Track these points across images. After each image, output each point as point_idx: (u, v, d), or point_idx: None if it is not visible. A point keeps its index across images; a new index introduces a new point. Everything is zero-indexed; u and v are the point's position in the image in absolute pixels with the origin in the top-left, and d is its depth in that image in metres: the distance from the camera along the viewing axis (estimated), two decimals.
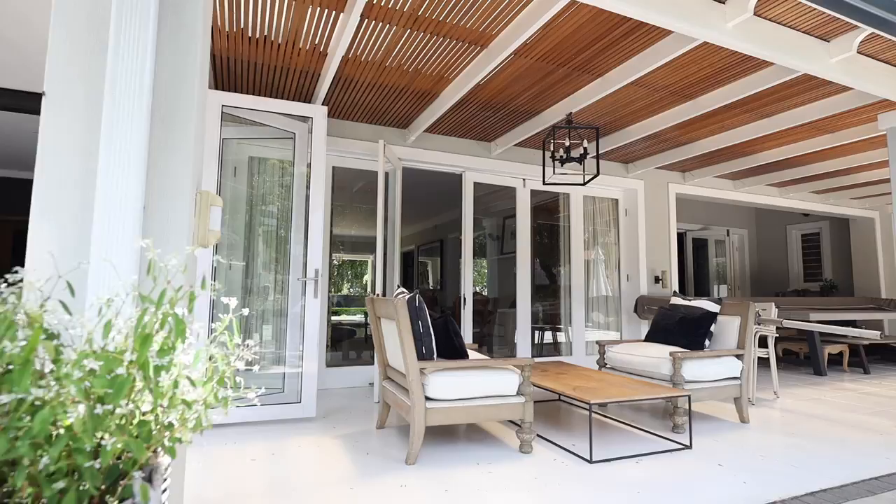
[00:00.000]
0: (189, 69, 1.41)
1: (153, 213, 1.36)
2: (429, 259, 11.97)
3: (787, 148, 5.13)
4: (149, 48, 1.30)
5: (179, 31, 1.41)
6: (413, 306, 2.70)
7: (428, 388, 2.58)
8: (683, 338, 3.57)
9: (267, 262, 4.09)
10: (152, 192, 1.36)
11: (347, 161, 4.73)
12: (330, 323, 6.38)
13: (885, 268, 8.04)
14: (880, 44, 3.10)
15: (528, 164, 5.33)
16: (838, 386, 5.02)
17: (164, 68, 1.38)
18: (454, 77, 3.67)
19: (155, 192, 1.37)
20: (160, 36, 1.37)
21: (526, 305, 5.38)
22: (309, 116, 3.55)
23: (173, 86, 1.41)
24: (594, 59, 3.34)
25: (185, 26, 1.41)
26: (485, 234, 8.62)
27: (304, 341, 3.39)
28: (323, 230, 4.11)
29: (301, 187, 3.82)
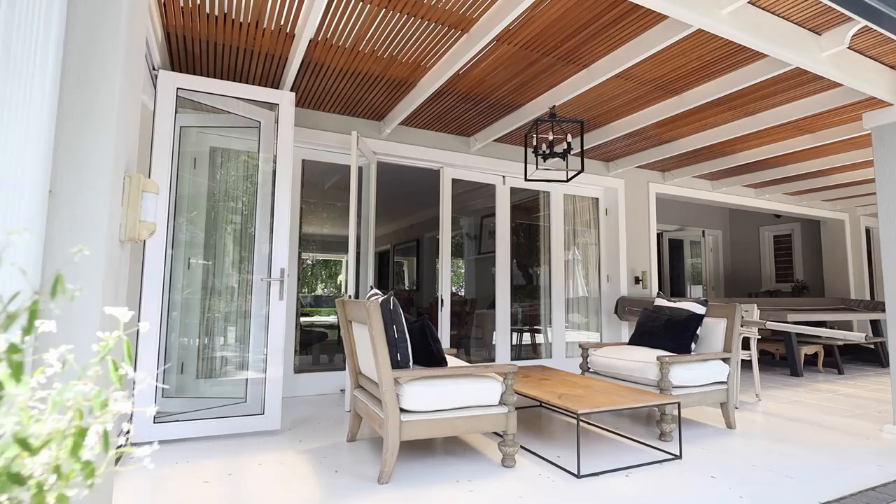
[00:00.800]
0: (112, 22, 1.16)
1: (62, 200, 1.10)
2: (405, 259, 11.73)
3: (768, 148, 5.09)
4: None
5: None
6: (387, 310, 2.47)
7: (403, 399, 2.35)
8: (670, 341, 3.43)
9: (231, 260, 3.79)
10: (62, 172, 1.10)
11: (318, 154, 4.46)
12: (300, 325, 6.07)
13: (854, 269, 8.18)
14: (870, 39, 3.02)
15: (508, 160, 5.15)
16: (816, 387, 5.00)
17: (79, 19, 1.12)
18: (432, 65, 3.45)
19: (66, 173, 1.11)
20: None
21: (505, 306, 5.20)
22: (275, 103, 3.28)
23: (93, 41, 1.15)
24: (580, 48, 3.17)
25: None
26: (462, 234, 8.43)
27: (269, 348, 3.12)
28: (290, 227, 3.85)
29: (267, 181, 3.54)
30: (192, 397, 3.56)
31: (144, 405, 2.78)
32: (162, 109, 2.93)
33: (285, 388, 4.15)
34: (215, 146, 3.87)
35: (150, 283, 2.84)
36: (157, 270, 2.86)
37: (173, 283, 3.50)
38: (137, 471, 2.39)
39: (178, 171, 3.45)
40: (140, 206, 1.29)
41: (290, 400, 4.05)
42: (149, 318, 2.84)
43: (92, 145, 1.12)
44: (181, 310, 3.58)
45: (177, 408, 3.33)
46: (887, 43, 3.05)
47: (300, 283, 12.23)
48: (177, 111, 3.20)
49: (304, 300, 12.17)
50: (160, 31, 2.93)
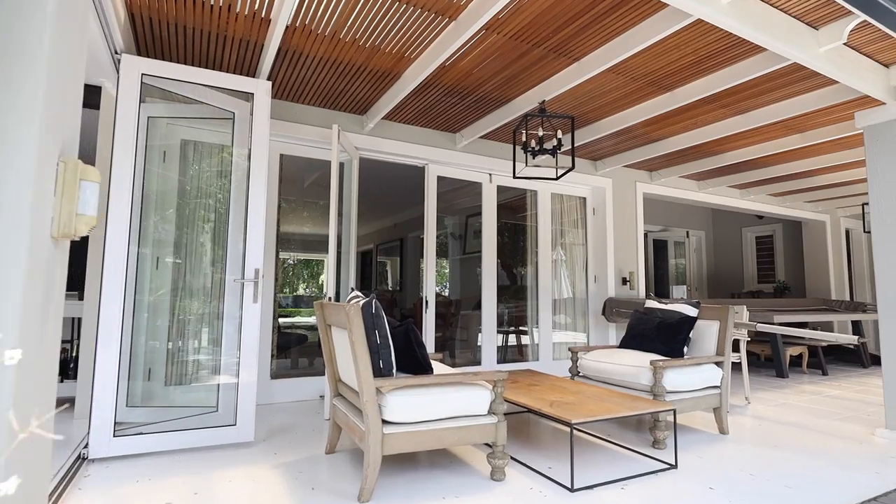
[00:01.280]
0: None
1: None
2: (388, 259, 11.54)
3: (756, 147, 5.05)
4: None
5: None
6: (369, 314, 2.30)
7: (386, 410, 2.18)
8: (662, 344, 3.33)
9: (203, 260, 3.58)
10: None
11: (298, 149, 4.26)
12: (278, 328, 5.85)
13: (835, 269, 8.26)
14: (866, 35, 2.95)
15: (495, 157, 5.01)
16: (802, 388, 4.97)
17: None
18: (417, 56, 3.29)
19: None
20: None
21: (491, 307, 5.06)
22: (249, 92, 3.07)
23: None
24: (572, 40, 3.04)
25: None
26: (447, 233, 8.28)
27: (241, 354, 2.92)
28: (266, 225, 3.66)
29: (242, 176, 3.34)
30: (159, 406, 3.34)
31: (102, 416, 2.57)
32: (125, 96, 2.71)
33: (261, 395, 3.94)
34: (187, 139, 3.65)
35: (110, 283, 2.62)
36: (118, 270, 2.64)
37: (140, 283, 3.27)
38: (93, 491, 2.18)
39: (146, 164, 3.23)
40: (77, 196, 1.10)
41: (266, 408, 3.84)
42: (109, 321, 2.62)
43: (10, 120, 0.94)
44: (149, 312, 3.35)
45: (143, 417, 3.11)
46: (883, 39, 2.99)
47: (280, 284, 11.91)
48: (142, 99, 2.98)
49: (284, 301, 11.91)
50: (122, 12, 2.71)
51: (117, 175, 2.68)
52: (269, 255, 4.03)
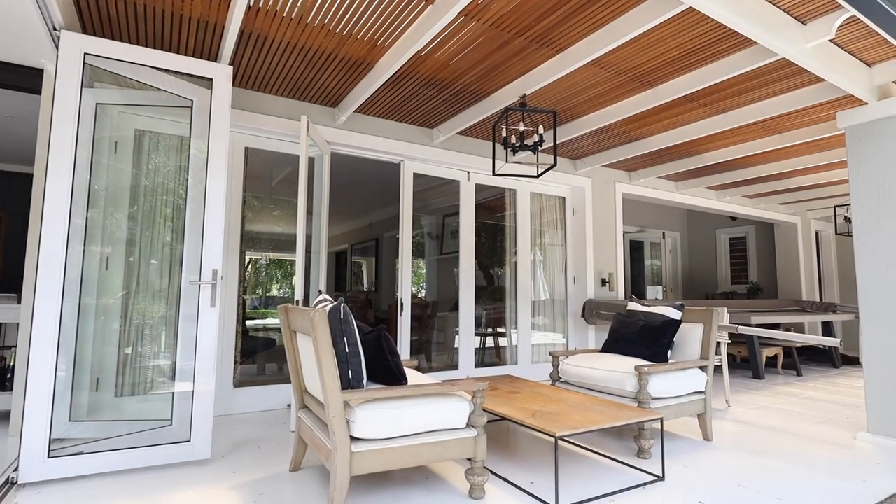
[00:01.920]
0: None
1: None
2: (363, 259, 11.28)
3: (735, 148, 5.02)
4: None
5: None
6: (336, 319, 2.10)
7: (355, 426, 1.98)
8: (645, 348, 3.21)
9: (158, 260, 3.30)
10: None
11: (265, 142, 4.00)
12: (244, 331, 5.55)
13: (806, 271, 8.39)
14: (852, 32, 2.89)
15: (473, 154, 4.84)
16: (779, 390, 4.96)
17: None
18: (391, 43, 3.09)
19: None
20: None
21: (469, 309, 4.89)
22: (208, 78, 2.83)
23: None
24: (556, 29, 2.89)
25: None
26: (423, 233, 8.09)
27: (196, 364, 2.68)
28: (228, 222, 3.41)
29: (201, 170, 3.08)
30: (108, 420, 3.05)
31: (35, 434, 2.29)
32: (65, 77, 2.43)
33: (222, 405, 3.68)
34: (142, 129, 3.38)
35: (45, 283, 2.35)
36: (55, 269, 2.37)
37: (88, 285, 2.99)
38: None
39: (94, 155, 2.95)
40: None
41: (228, 420, 3.58)
42: (44, 326, 2.34)
43: None
44: (98, 316, 3.07)
45: (89, 433, 2.83)
46: (868, 37, 2.93)
47: (252, 285, 11.42)
48: (89, 84, 2.71)
49: (256, 301, 11.53)
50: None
51: (55, 165, 2.41)
52: (232, 255, 3.77)
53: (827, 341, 3.32)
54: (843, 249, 8.88)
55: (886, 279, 3.20)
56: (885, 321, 3.19)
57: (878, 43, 3.00)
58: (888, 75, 3.26)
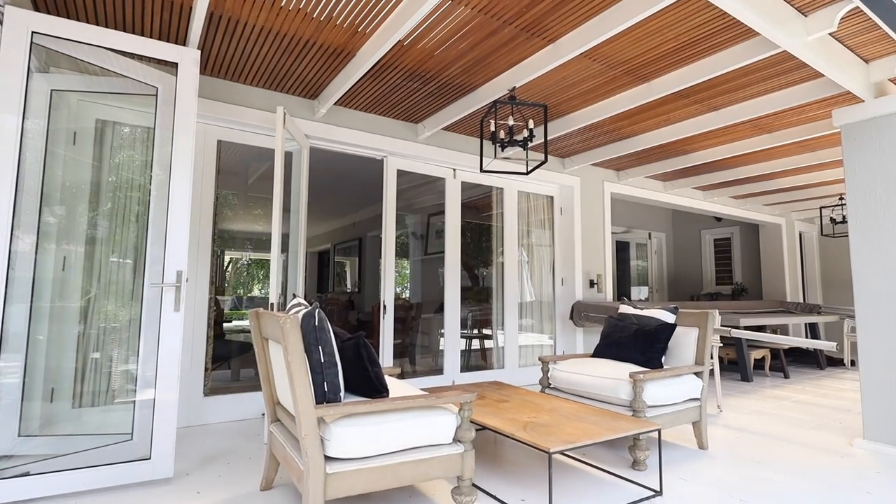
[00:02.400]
0: None
1: None
2: (346, 259, 11.04)
3: (725, 147, 4.94)
4: None
5: None
6: (309, 327, 1.90)
7: (330, 444, 1.80)
8: (639, 353, 3.07)
9: (120, 260, 3.06)
10: None
11: (240, 135, 3.78)
12: (219, 335, 5.30)
13: (790, 272, 8.40)
14: (852, 26, 2.79)
15: (459, 151, 4.67)
16: (768, 393, 4.89)
17: None
18: (373, 30, 2.90)
19: None
20: None
21: (455, 311, 4.72)
22: (173, 62, 2.60)
23: None
24: (548, 17, 2.73)
25: None
26: (408, 233, 7.90)
27: (158, 375, 2.45)
28: (195, 220, 3.20)
29: (165, 163, 2.86)
30: (63, 435, 2.81)
31: None
32: (7, 58, 2.19)
33: (192, 415, 3.45)
34: (104, 119, 3.14)
35: None
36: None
37: (40, 287, 2.75)
38: None
39: (48, 145, 2.71)
40: None
41: (198, 431, 3.35)
42: None
43: None
44: (52, 321, 2.83)
45: (41, 449, 2.59)
46: (867, 32, 2.84)
47: (231, 285, 11.05)
48: (40, 67, 2.47)
49: (236, 301, 11.22)
50: None
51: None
52: (202, 255, 3.54)
53: (822, 345, 3.22)
54: (826, 251, 8.93)
55: (884, 281, 3.12)
56: (883, 323, 3.10)
57: (878, 38, 2.91)
58: (885, 72, 3.18)
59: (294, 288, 3.86)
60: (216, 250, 3.74)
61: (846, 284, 8.64)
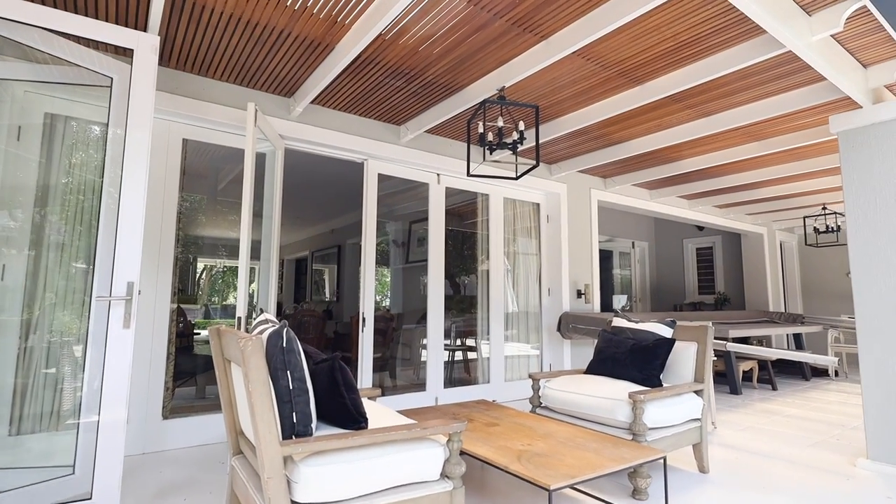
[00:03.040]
0: None
1: None
2: (324, 266, 10.72)
3: (714, 155, 4.84)
4: None
5: None
6: (276, 348, 1.65)
7: (298, 487, 1.54)
8: (637, 370, 2.88)
9: (68, 270, 2.75)
10: None
11: (208, 133, 3.49)
12: (183, 348, 4.95)
13: (772, 282, 8.41)
14: (854, 28, 2.67)
15: (444, 156, 4.46)
16: (760, 408, 4.77)
17: None
18: (353, 21, 2.68)
19: None
20: None
21: (438, 323, 4.49)
22: (128, 48, 2.33)
23: None
24: (542, 10, 2.55)
25: None
26: (388, 240, 7.64)
27: (103, 402, 2.16)
28: (156, 225, 2.92)
29: (119, 161, 2.57)
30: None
31: None
32: None
33: (149, 441, 3.12)
34: (55, 113, 2.84)
35: None
36: None
37: None
38: None
39: None
40: None
41: (154, 458, 3.03)
42: None
43: None
44: None
45: None
46: (868, 35, 2.73)
47: (205, 293, 10.55)
48: None
49: (212, 310, 10.79)
50: None
51: None
52: (163, 263, 3.24)
53: (824, 360, 3.09)
54: (805, 260, 8.98)
55: (885, 293, 3.00)
56: (886, 338, 2.98)
57: (879, 41, 2.81)
58: (883, 77, 3.08)
59: (266, 299, 3.58)
60: (187, 257, 3.45)
61: (826, 294, 8.69)
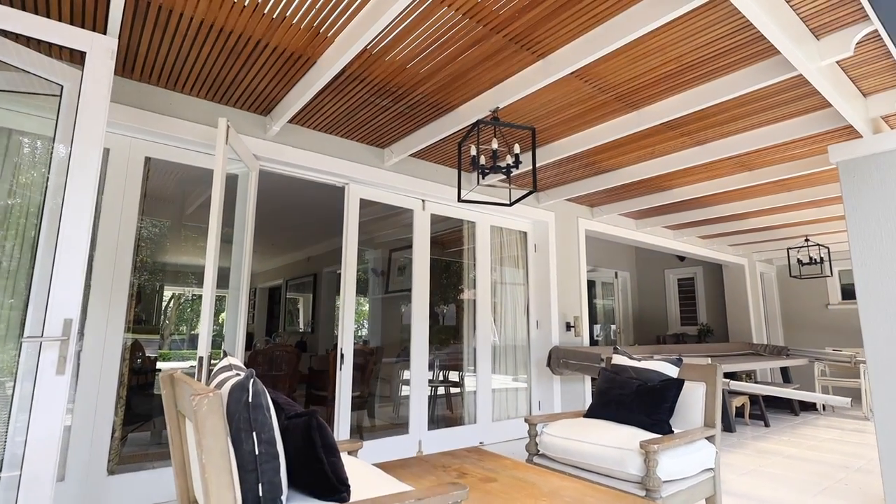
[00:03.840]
0: None
1: None
2: (299, 296, 10.29)
3: (705, 185, 4.76)
4: None
5: None
6: (240, 404, 1.35)
7: None
8: (644, 415, 2.64)
9: (1, 302, 2.39)
10: None
11: (176, 152, 3.20)
12: (138, 387, 4.50)
13: (754, 313, 8.36)
14: (856, 56, 2.60)
15: (430, 181, 4.24)
16: (757, 447, 4.56)
17: None
18: (337, 33, 2.47)
19: None
20: None
21: (422, 359, 4.18)
22: (80, 51, 2.06)
23: None
24: (542, 26, 2.39)
25: None
26: (367, 269, 7.34)
27: (27, 459, 1.78)
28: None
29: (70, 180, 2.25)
30: None
31: None
32: None
33: (90, 502, 2.69)
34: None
35: None
36: None
37: None
38: None
39: None
40: None
41: None
42: None
43: None
44: None
45: None
46: (872, 62, 2.66)
47: (173, 322, 9.94)
48: None
49: (179, 342, 10.20)
50: None
51: None
52: (116, 296, 2.87)
53: (836, 401, 2.90)
54: (785, 291, 9.00)
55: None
56: None
57: (883, 69, 2.74)
58: (881, 108, 3.02)
59: (233, 335, 3.23)
60: (154, 285, 3.10)
61: (805, 325, 8.68)
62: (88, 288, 2.78)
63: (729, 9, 2.22)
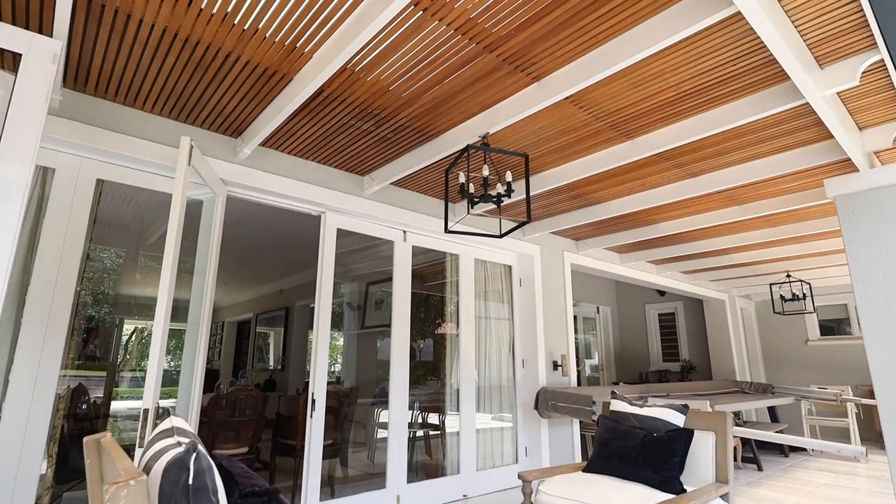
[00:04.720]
0: None
1: None
2: (270, 329, 9.80)
3: (692, 219, 4.67)
4: None
5: None
6: (177, 488, 1.04)
7: None
8: (652, 470, 2.37)
9: None
10: None
11: (133, 175, 2.89)
12: (79, 434, 4.01)
13: (737, 349, 8.27)
14: (855, 88, 2.52)
15: (412, 211, 4.02)
16: (754, 495, 4.32)
17: None
18: (314, 49, 2.27)
19: None
20: None
21: (402, 403, 3.84)
22: (16, 52, 1.79)
23: None
24: (538, 46, 2.23)
25: None
26: (342, 303, 6.99)
27: None
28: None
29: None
30: None
31: None
32: None
33: None
34: None
35: None
36: None
37: None
38: None
39: None
40: None
41: None
42: None
43: None
44: None
45: None
46: (873, 95, 2.59)
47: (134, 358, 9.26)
48: None
49: (139, 378, 9.53)
50: None
51: None
52: (52, 336, 2.50)
53: (850, 450, 2.70)
54: (765, 327, 8.98)
55: None
56: None
57: (881, 102, 2.67)
58: (877, 142, 2.95)
59: (191, 373, 2.87)
60: (113, 319, 2.73)
61: (786, 361, 8.61)
62: (18, 327, 2.41)
63: (735, 32, 2.11)
